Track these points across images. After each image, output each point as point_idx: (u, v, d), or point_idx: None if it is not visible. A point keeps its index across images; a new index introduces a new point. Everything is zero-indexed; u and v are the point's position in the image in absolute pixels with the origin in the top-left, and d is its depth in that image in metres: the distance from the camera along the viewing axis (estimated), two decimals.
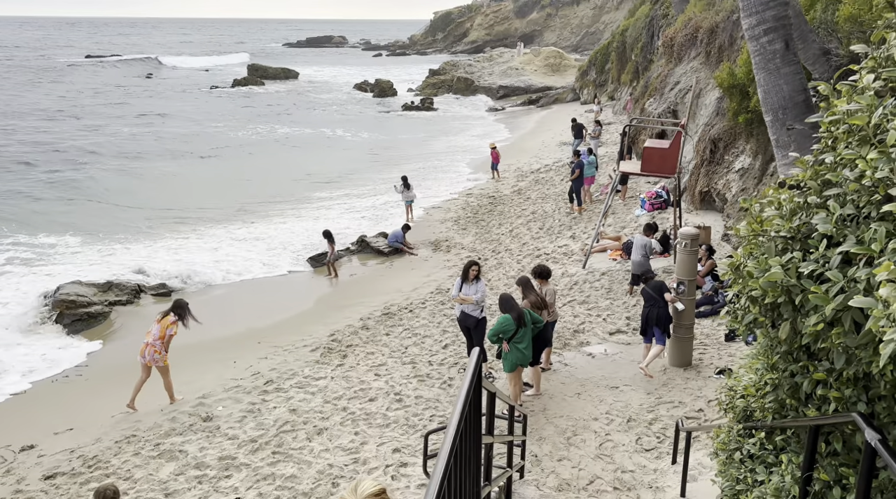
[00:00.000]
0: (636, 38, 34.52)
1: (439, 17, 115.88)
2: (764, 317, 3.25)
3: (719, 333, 10.29)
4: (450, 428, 2.28)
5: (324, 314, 13.04)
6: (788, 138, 5.61)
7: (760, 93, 5.78)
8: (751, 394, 4.01)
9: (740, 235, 3.23)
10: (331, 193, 23.37)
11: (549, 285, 9.35)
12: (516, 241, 16.47)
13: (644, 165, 12.99)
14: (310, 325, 12.52)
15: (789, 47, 5.72)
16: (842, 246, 2.40)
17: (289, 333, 12.25)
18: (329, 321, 12.60)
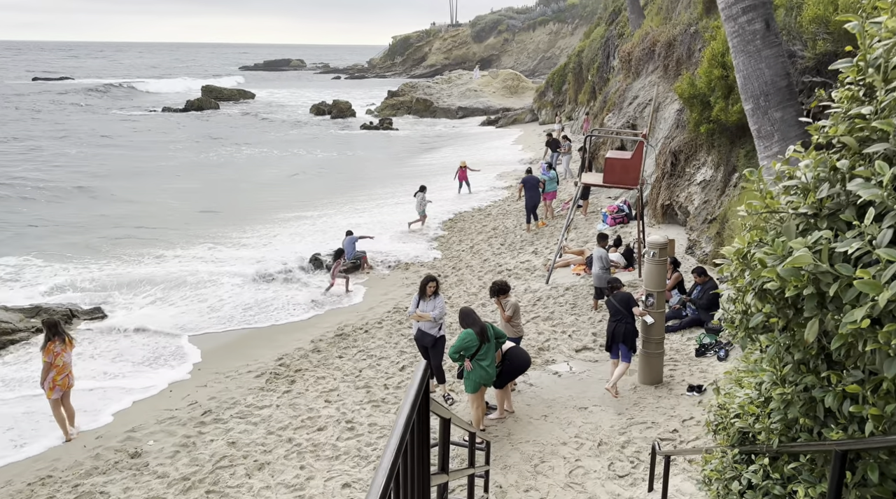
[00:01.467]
0: (592, 58, 34.82)
1: (398, 42, 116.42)
2: (777, 317, 2.66)
3: (689, 348, 9.81)
4: (379, 471, 1.59)
5: (272, 337, 12.14)
6: (771, 128, 5.16)
7: (739, 79, 5.34)
8: (752, 412, 3.40)
9: (749, 212, 2.63)
10: (287, 215, 22.45)
11: (511, 299, 8.72)
12: (477, 257, 15.88)
13: (606, 177, 12.59)
14: (256, 349, 11.60)
15: (770, 27, 5.29)
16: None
17: (232, 358, 11.31)
18: (277, 344, 11.72)
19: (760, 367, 3.49)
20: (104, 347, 11.86)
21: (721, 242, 11.75)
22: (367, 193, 25.36)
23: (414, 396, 1.95)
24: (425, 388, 2.10)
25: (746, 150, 12.01)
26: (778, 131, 5.15)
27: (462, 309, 7.84)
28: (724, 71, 11.66)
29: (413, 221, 19.00)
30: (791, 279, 2.22)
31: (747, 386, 3.78)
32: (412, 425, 1.93)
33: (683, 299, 10.55)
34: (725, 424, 4.10)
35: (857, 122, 2.12)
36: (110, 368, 11.14)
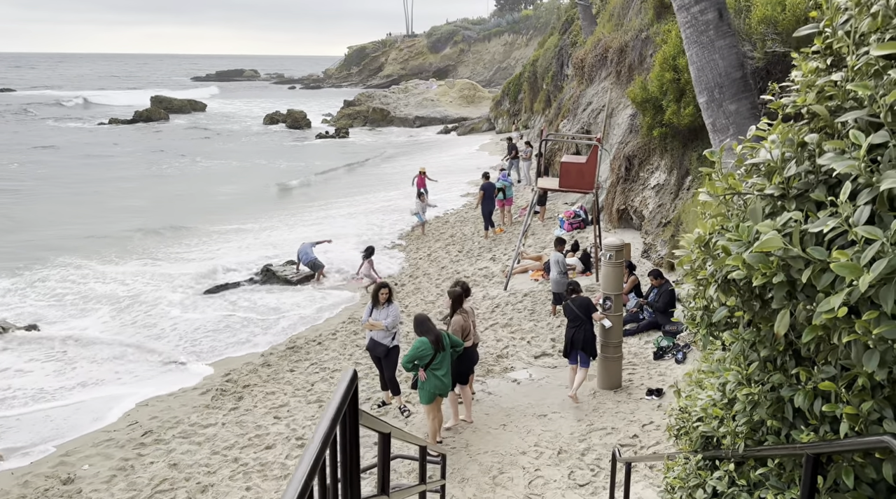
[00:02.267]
0: (546, 67, 35.12)
1: (354, 52, 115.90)
2: (743, 310, 2.45)
3: (647, 351, 9.72)
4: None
5: (219, 351, 11.60)
6: (727, 121, 5.05)
7: (693, 71, 5.23)
8: (716, 415, 3.20)
9: (710, 196, 2.43)
10: (227, 227, 21.78)
11: (469, 303, 8.48)
12: (435, 264, 15.61)
13: (562, 181, 12.50)
14: (200, 361, 11.06)
15: (723, 17, 5.20)
16: (882, 185, 1.61)
17: (176, 373, 10.75)
18: (224, 357, 11.20)
19: (723, 366, 3.31)
20: (38, 364, 11.15)
21: (676, 245, 11.76)
22: (320, 203, 24.86)
23: (336, 408, 1.66)
24: (352, 398, 1.82)
25: (699, 152, 12.08)
26: (733, 124, 5.04)
27: (417, 316, 7.55)
28: (675, 74, 11.71)
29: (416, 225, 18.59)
30: (759, 266, 2.01)
31: (709, 387, 3.59)
32: (333, 441, 1.63)
33: (640, 303, 10.47)
34: (688, 428, 3.90)
35: (827, 89, 1.92)
36: (49, 383, 10.45)
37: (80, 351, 11.60)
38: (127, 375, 10.75)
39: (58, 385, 10.38)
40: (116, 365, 11.08)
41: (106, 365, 11.07)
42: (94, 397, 10.00)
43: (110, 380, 10.59)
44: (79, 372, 10.84)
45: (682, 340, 9.45)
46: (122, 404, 9.74)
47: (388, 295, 8.67)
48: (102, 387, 10.36)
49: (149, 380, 10.54)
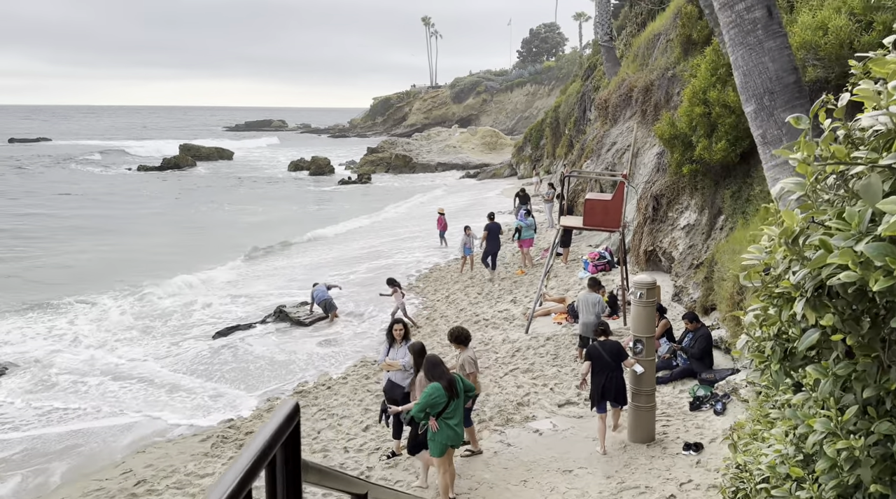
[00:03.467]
0: (569, 113, 35.05)
1: (379, 103, 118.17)
2: (844, 331, 1.82)
3: (682, 401, 8.91)
4: None
5: (223, 391, 11.00)
6: (779, 131, 4.47)
7: (739, 77, 4.67)
8: (795, 475, 2.51)
9: (795, 181, 1.84)
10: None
11: (468, 352, 7.76)
12: (453, 307, 14.98)
13: (586, 219, 11.92)
14: (202, 409, 10.47)
15: (773, 15, 4.66)
16: None
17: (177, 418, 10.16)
18: (231, 402, 10.60)
19: (801, 412, 2.64)
20: (20, 404, 10.68)
21: (710, 287, 11.02)
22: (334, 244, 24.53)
23: (253, 455, 1.07)
24: (290, 439, 1.25)
25: (732, 190, 11.46)
26: (787, 135, 4.46)
27: (429, 357, 6.90)
28: (706, 108, 11.21)
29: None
30: (886, 260, 1.40)
31: (779, 440, 2.90)
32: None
33: (674, 348, 9.70)
34: (749, 490, 3.19)
35: None
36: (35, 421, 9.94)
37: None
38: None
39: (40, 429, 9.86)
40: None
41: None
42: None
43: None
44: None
45: (721, 390, 8.64)
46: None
47: (403, 332, 8.14)
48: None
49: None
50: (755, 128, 4.75)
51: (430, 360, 6.80)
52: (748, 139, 10.81)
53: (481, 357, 11.45)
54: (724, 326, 9.85)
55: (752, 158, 11.11)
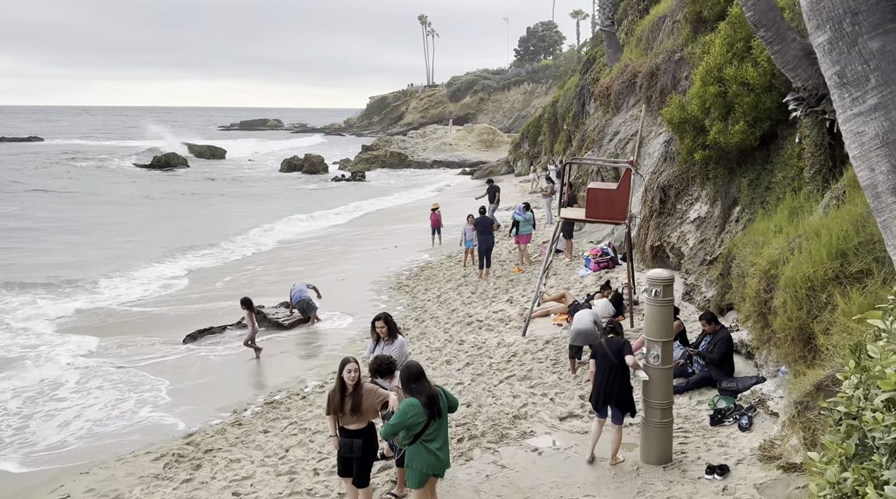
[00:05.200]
0: (567, 107, 33.97)
1: (375, 102, 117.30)
2: None
3: (701, 414, 7.82)
4: None
5: (185, 405, 9.89)
6: (865, 66, 3.42)
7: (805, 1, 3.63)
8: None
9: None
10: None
11: (396, 382, 6.45)
12: (444, 307, 13.88)
13: (589, 211, 10.83)
14: (161, 418, 9.37)
15: None
16: None
17: (132, 432, 9.05)
18: (189, 416, 9.49)
19: None
20: None
21: (726, 284, 9.93)
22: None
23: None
24: None
25: (750, 178, 10.38)
26: (876, 71, 3.41)
27: (408, 365, 5.76)
28: (721, 87, 10.14)
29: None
30: None
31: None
32: None
33: (689, 353, 8.61)
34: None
35: None
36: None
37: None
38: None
39: None
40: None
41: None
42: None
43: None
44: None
45: (746, 401, 7.56)
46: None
47: (386, 329, 7.13)
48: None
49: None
50: (829, 65, 3.68)
51: (409, 369, 5.68)
52: (769, 121, 9.76)
53: (473, 363, 10.38)
54: (746, 328, 8.77)
55: (772, 141, 10.04)
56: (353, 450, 5.92)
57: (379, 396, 5.95)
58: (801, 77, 7.55)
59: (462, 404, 8.83)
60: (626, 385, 6.80)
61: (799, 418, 5.59)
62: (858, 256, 6.00)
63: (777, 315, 6.79)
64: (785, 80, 9.16)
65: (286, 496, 6.89)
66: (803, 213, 7.81)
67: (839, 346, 5.46)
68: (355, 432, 5.95)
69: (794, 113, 7.88)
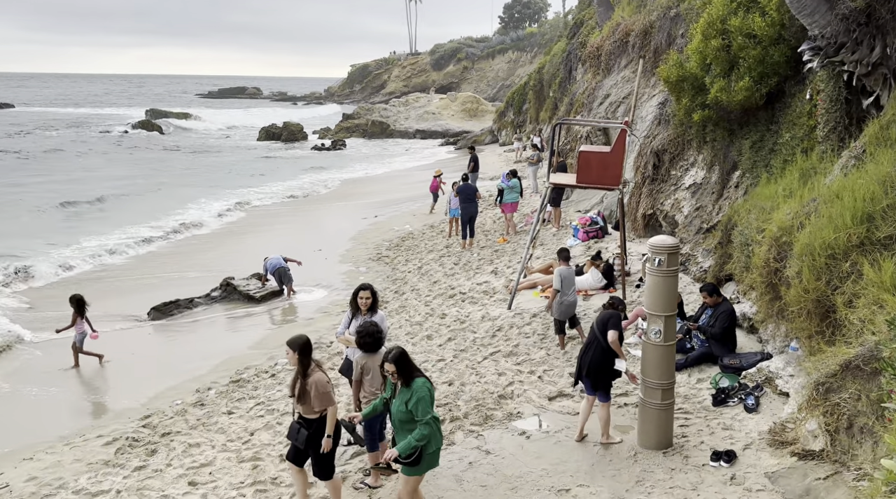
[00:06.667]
0: (553, 74, 32.98)
1: (356, 70, 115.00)
2: None
3: (702, 393, 7.23)
4: None
5: (142, 385, 9.13)
6: None
7: None
8: None
9: None
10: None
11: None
12: (425, 279, 13.18)
13: (580, 176, 10.10)
14: (117, 400, 8.63)
15: None
16: None
17: (83, 415, 8.31)
18: (149, 394, 8.76)
19: None
20: None
21: (726, 254, 9.31)
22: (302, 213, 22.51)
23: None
24: None
25: (752, 140, 9.70)
26: None
27: (398, 350, 4.90)
28: (724, 40, 9.39)
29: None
30: None
31: None
32: None
33: (688, 326, 8.00)
34: None
35: None
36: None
37: None
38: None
39: None
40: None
41: None
42: None
43: None
44: None
45: (751, 380, 6.97)
46: None
47: (370, 301, 6.38)
48: None
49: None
50: None
51: (399, 353, 4.86)
52: (776, 76, 9.05)
53: (456, 338, 9.72)
54: (749, 301, 8.18)
55: (778, 100, 9.34)
56: (298, 438, 5.29)
57: (321, 390, 5.16)
58: (818, 24, 6.83)
59: (444, 382, 8.21)
60: (599, 359, 6.22)
61: (820, 400, 4.99)
62: (887, 219, 5.36)
63: (790, 286, 6.17)
64: (795, 31, 8.46)
65: (248, 486, 6.21)
66: (817, 175, 7.15)
67: (868, 320, 4.83)
68: (304, 420, 5.29)
69: (810, 64, 7.18)
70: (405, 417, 4.82)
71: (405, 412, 4.81)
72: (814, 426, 5.19)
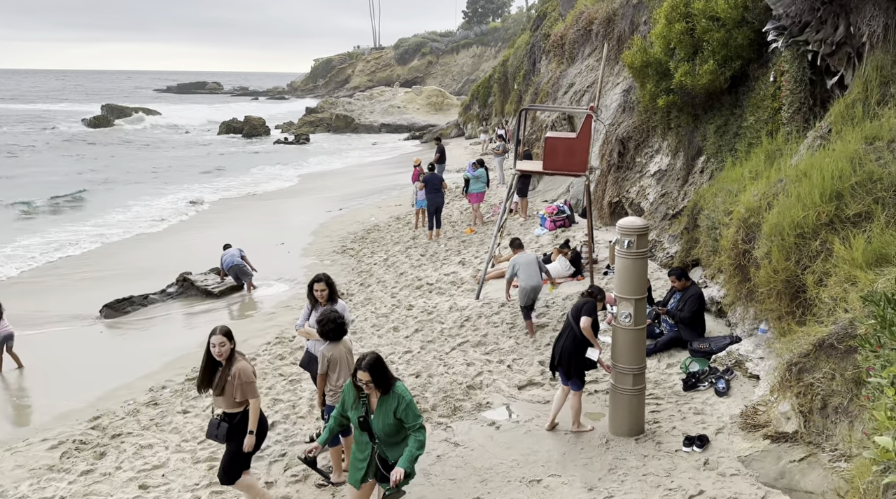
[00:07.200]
0: (517, 66, 32.91)
1: (320, 64, 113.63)
2: None
3: (672, 379, 7.13)
4: None
5: (92, 385, 8.68)
6: None
7: None
8: None
9: None
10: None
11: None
12: (392, 270, 12.90)
13: (547, 162, 9.94)
14: (66, 401, 8.17)
15: None
16: None
17: (25, 418, 7.83)
18: (98, 394, 8.33)
19: None
20: None
21: (692, 239, 9.26)
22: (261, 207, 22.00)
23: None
24: None
25: (717, 124, 9.66)
26: None
27: (376, 356, 4.36)
28: (687, 23, 9.31)
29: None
30: None
31: None
32: None
33: (657, 311, 7.90)
34: None
35: None
36: None
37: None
38: None
39: None
40: None
41: None
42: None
43: None
44: None
45: (721, 363, 6.90)
46: None
47: (326, 291, 6.09)
48: None
49: None
50: None
51: (377, 359, 4.35)
52: (740, 59, 9.00)
53: (423, 329, 9.49)
54: (717, 284, 8.12)
55: (742, 83, 9.31)
56: (218, 434, 4.98)
57: (244, 379, 4.83)
58: (782, 3, 6.76)
59: (411, 374, 7.97)
60: (571, 347, 6.07)
61: (793, 381, 4.89)
62: (856, 197, 5.29)
63: (759, 267, 6.08)
64: (758, 13, 8.41)
65: (203, 488, 5.87)
66: (783, 156, 7.09)
67: (840, 298, 4.74)
68: (224, 414, 4.98)
69: (774, 44, 7.12)
70: (393, 429, 4.29)
71: (393, 424, 4.27)
72: (786, 408, 5.09)
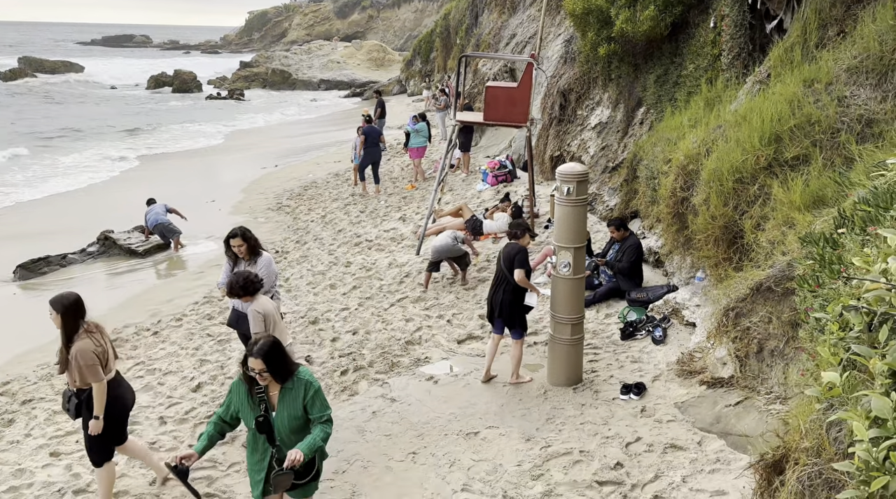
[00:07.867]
0: (460, 20, 32.19)
1: (255, 17, 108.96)
2: None
3: (611, 328, 7.11)
4: None
5: (5, 346, 8.06)
6: None
7: None
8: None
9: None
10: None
11: (260, 299, 5.14)
12: (330, 227, 12.47)
13: (488, 112, 9.65)
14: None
15: None
16: None
17: None
18: (7, 357, 7.74)
19: None
20: None
21: (632, 190, 9.21)
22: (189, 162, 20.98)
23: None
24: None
25: (657, 73, 9.55)
26: None
27: (266, 339, 3.61)
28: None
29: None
30: None
31: None
32: None
33: (595, 262, 7.84)
34: None
35: None
36: None
37: None
38: None
39: None
40: None
41: None
42: None
43: None
44: None
45: (658, 312, 6.89)
46: None
47: (244, 246, 5.71)
48: None
49: None
50: None
51: (276, 341, 3.63)
52: (680, 5, 8.86)
53: (361, 286, 9.19)
54: (655, 234, 8.10)
55: (682, 31, 9.18)
56: (70, 408, 4.65)
57: (82, 362, 4.38)
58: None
59: (348, 331, 7.71)
60: (511, 298, 5.92)
61: (730, 326, 4.85)
62: (794, 140, 5.22)
63: (697, 214, 6.02)
64: None
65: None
66: (722, 103, 7.02)
67: (778, 241, 4.70)
68: (76, 390, 4.59)
69: None
70: (298, 423, 3.62)
71: (299, 417, 3.61)
72: (723, 353, 5.08)
